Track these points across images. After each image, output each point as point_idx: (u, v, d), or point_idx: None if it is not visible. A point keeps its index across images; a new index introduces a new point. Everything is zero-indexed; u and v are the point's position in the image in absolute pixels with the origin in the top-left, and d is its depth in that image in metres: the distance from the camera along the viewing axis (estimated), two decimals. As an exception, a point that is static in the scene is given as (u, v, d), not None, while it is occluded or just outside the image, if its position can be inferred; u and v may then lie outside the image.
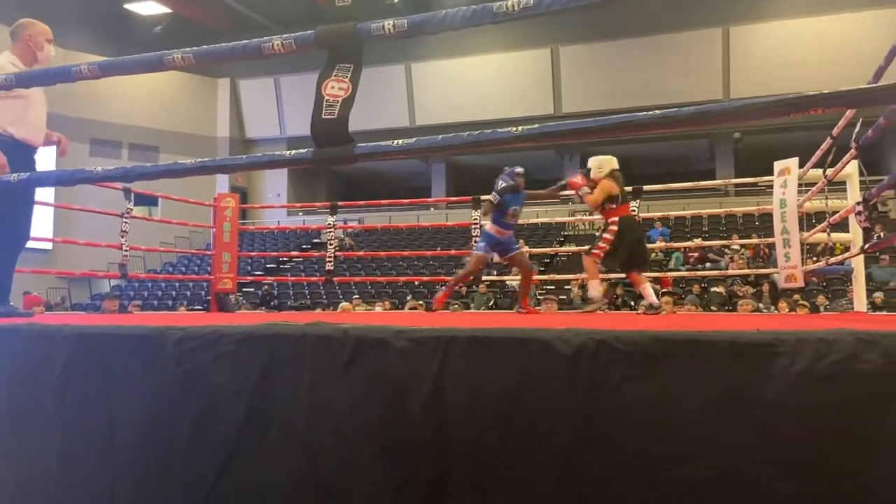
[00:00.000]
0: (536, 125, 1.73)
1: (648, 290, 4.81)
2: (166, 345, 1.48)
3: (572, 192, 5.14)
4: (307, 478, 1.36)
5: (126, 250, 6.26)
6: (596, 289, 4.98)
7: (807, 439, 1.17)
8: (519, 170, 5.34)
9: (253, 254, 14.46)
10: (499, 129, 1.73)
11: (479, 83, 18.25)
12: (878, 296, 9.76)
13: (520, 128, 1.72)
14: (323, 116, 1.82)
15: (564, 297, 11.53)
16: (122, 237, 6.24)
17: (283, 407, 1.39)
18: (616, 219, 4.72)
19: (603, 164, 4.86)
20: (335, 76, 1.84)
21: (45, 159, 3.70)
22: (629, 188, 6.05)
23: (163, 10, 18.42)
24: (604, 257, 4.76)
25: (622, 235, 4.68)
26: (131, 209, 6.26)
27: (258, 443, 1.39)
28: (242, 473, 1.39)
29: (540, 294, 11.94)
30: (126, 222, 6.22)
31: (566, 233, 16.11)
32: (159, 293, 15.26)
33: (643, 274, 4.97)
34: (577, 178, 4.95)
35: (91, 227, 10.37)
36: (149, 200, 14.59)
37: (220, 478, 1.39)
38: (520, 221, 5.35)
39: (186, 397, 1.44)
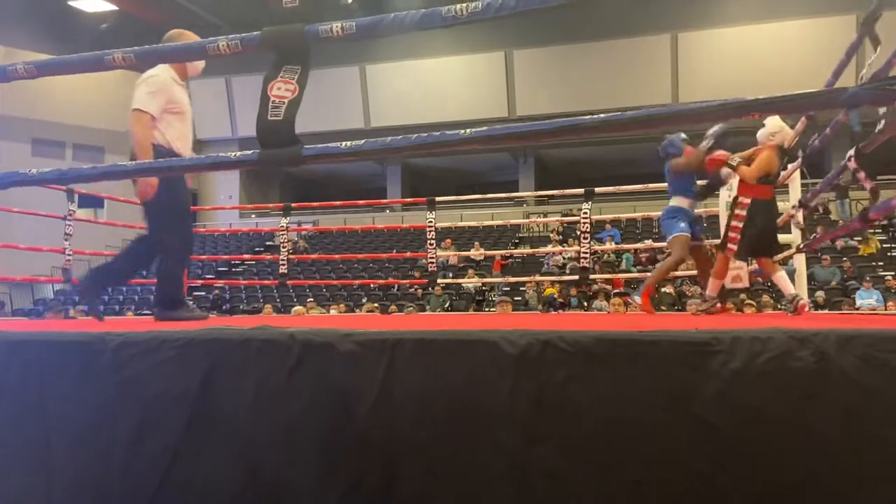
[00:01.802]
0: (485, 128, 1.74)
1: (785, 280, 3.95)
2: (105, 352, 1.44)
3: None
4: (251, 485, 1.34)
5: (69, 254, 6.05)
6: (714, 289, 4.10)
7: (744, 434, 1.21)
8: (683, 136, 4.46)
9: (204, 257, 14.18)
10: (447, 132, 1.73)
11: (434, 86, 18.27)
12: (820, 295, 10.12)
13: (468, 130, 1.72)
14: (269, 118, 1.79)
15: (519, 298, 11.62)
16: (66, 240, 6.03)
17: (226, 413, 1.37)
18: (749, 200, 3.87)
19: (773, 127, 3.87)
20: (282, 77, 1.82)
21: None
22: (580, 190, 6.09)
23: (109, 7, 17.91)
24: (737, 250, 3.89)
25: (753, 219, 3.85)
26: (74, 211, 6.06)
27: (200, 450, 1.36)
28: (184, 482, 1.36)
29: (495, 296, 12.02)
30: (69, 225, 6.02)
31: (521, 234, 16.25)
32: (106, 298, 14.81)
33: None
34: (719, 154, 4.02)
35: (33, 230, 10.00)
36: (94, 202, 14.17)
37: (160, 487, 1.35)
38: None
39: (125, 405, 1.40)
